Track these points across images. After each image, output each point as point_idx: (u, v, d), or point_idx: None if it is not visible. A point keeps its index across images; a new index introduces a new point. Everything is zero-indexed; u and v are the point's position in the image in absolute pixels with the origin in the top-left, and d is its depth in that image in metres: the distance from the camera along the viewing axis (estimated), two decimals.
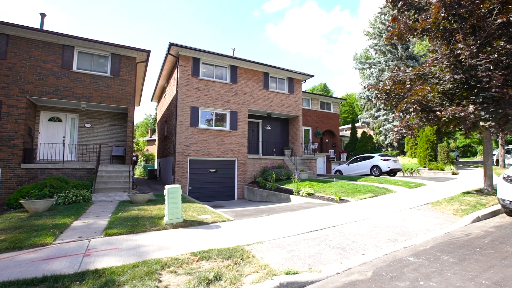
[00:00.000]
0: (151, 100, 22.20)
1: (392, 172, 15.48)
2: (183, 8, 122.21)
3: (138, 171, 25.00)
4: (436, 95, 7.92)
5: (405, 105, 7.91)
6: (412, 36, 8.18)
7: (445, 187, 9.64)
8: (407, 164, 17.95)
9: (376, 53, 26.79)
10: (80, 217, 6.31)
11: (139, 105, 21.81)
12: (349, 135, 27.69)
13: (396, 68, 9.00)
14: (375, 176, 14.86)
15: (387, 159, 15.08)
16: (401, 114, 8.25)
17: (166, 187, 5.36)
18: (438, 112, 7.48)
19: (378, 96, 8.71)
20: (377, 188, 9.53)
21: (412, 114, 7.67)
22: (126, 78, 11.51)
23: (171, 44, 12.29)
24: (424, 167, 16.90)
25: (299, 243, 4.35)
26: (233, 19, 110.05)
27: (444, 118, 7.34)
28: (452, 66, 7.44)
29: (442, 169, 15.66)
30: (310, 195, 9.71)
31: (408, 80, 8.56)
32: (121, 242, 4.44)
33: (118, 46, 11.22)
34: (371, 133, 28.48)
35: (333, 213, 6.54)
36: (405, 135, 8.52)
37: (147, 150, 35.88)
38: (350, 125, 29.99)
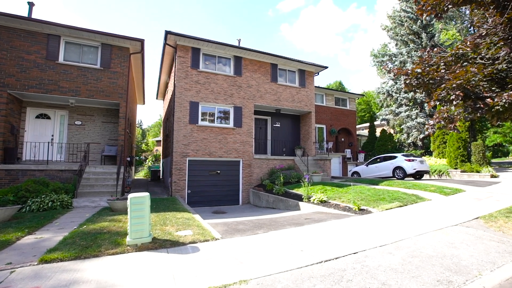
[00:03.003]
0: (156, 98, 21.26)
1: (418, 175, 13.61)
2: (196, 7, 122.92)
3: (143, 172, 24.26)
4: (483, 79, 6.22)
5: (443, 91, 6.28)
6: (451, 5, 6.50)
7: (491, 194, 7.84)
8: (434, 165, 15.93)
9: (396, 45, 24.63)
10: (38, 230, 5.17)
11: (143, 103, 20.98)
12: (366, 134, 25.71)
13: (429, 48, 7.34)
14: (398, 179, 13.07)
15: (413, 160, 13.23)
16: (437, 103, 6.62)
17: (129, 196, 4.09)
18: (488, 100, 5.80)
19: (407, 82, 7.08)
20: (404, 195, 7.88)
21: (454, 102, 6.00)
22: (118, 70, 10.45)
23: (168, 33, 11.10)
24: (455, 168, 14.85)
25: (302, 284, 2.93)
26: (248, 19, 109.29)
27: (498, 107, 5.64)
28: (509, 39, 5.73)
29: (478, 171, 13.60)
30: (322, 202, 8.20)
31: (443, 64, 6.93)
32: (53, 274, 3.19)
33: (108, 35, 10.17)
34: (391, 131, 26.27)
35: (351, 231, 5.04)
36: (433, 130, 6.88)
37: (157, 150, 35.38)
38: (367, 124, 27.97)
